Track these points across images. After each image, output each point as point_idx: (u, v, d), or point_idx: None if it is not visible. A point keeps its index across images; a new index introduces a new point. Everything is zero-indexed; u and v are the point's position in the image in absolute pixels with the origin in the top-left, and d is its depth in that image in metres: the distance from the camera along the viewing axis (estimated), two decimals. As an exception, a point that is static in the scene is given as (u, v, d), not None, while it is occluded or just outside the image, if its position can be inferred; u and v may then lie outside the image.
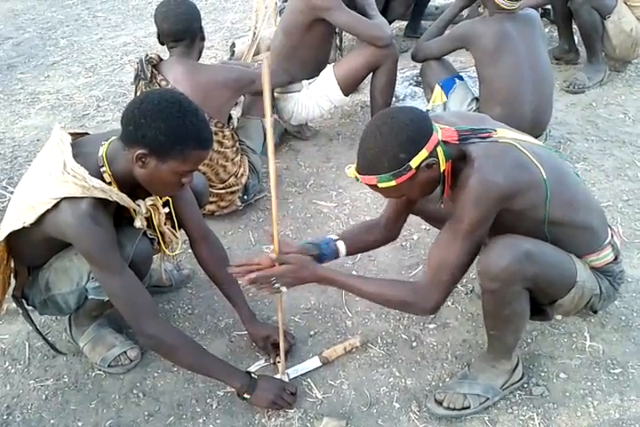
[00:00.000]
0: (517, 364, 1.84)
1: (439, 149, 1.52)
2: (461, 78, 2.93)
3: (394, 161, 1.49)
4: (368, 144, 1.52)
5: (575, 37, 3.77)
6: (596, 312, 1.79)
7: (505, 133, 1.62)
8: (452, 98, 2.85)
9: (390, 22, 3.68)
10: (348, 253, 1.96)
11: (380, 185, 1.53)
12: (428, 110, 2.89)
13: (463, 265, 1.62)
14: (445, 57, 2.96)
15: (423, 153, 1.49)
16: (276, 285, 1.71)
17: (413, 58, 3.02)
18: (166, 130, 1.54)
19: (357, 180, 1.58)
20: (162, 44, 2.51)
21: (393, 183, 1.51)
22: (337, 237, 1.94)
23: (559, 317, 2.08)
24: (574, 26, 3.65)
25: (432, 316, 2.13)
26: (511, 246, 1.57)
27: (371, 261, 2.39)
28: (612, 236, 1.77)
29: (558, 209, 1.62)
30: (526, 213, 1.59)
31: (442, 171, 1.55)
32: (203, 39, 2.55)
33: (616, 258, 1.77)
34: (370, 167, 1.52)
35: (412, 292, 1.66)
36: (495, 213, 1.56)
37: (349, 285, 1.73)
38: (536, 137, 2.74)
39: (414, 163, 1.49)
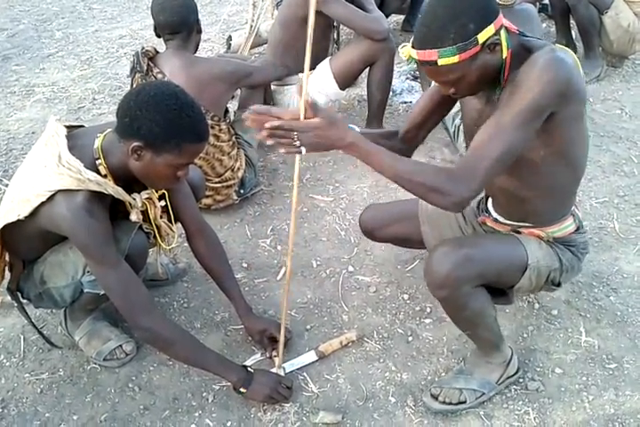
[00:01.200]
0: (511, 357, 1.84)
1: (502, 33, 1.42)
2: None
3: (462, 31, 1.36)
4: (434, 12, 1.39)
5: (573, 33, 3.77)
6: (559, 285, 1.75)
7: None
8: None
9: (387, 16, 3.67)
10: None
11: (440, 61, 1.39)
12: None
13: (505, 157, 1.42)
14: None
15: (491, 28, 1.38)
16: (297, 142, 1.40)
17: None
18: (162, 122, 1.53)
19: (411, 61, 1.46)
20: (158, 36, 2.49)
21: (455, 59, 1.38)
22: (358, 129, 1.64)
23: (555, 312, 2.09)
24: (572, 21, 3.66)
25: (428, 310, 2.13)
26: (448, 253, 1.57)
27: (367, 255, 2.39)
28: (574, 207, 1.77)
29: (576, 140, 1.55)
30: (565, 130, 1.49)
31: (503, 57, 1.44)
32: (199, 32, 2.53)
33: (578, 228, 1.76)
34: (434, 38, 1.38)
35: (445, 178, 1.42)
36: (552, 107, 1.41)
37: (380, 158, 1.44)
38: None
39: (482, 37, 1.37)
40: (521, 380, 1.87)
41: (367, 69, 2.97)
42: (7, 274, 1.91)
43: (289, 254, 1.76)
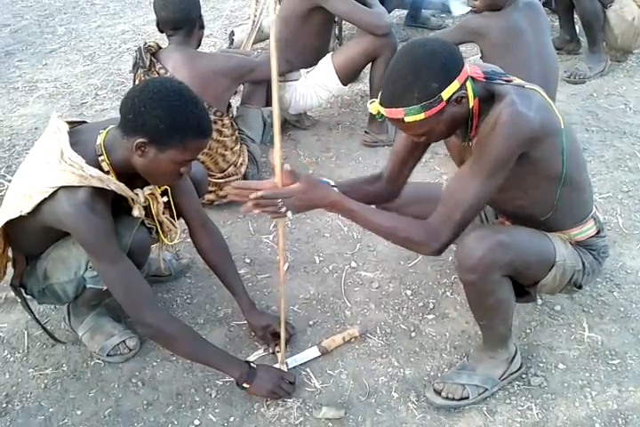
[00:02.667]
0: (515, 353, 1.84)
1: (468, 84, 1.47)
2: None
3: (425, 91, 1.41)
4: (398, 73, 1.44)
5: (576, 27, 3.75)
6: (580, 287, 1.76)
7: (521, 83, 1.59)
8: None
9: (389, 11, 3.65)
10: None
11: (407, 119, 1.44)
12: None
13: (478, 205, 1.54)
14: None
15: (455, 84, 1.42)
16: (283, 208, 1.55)
17: None
18: (167, 119, 1.53)
19: (380, 116, 1.51)
20: (161, 31, 2.49)
21: (422, 116, 1.43)
22: (333, 184, 1.75)
23: (558, 307, 2.09)
24: (575, 15, 3.64)
25: (431, 306, 2.13)
26: (484, 237, 1.57)
27: (370, 251, 2.39)
28: (595, 210, 1.77)
29: (570, 165, 1.59)
30: (543, 163, 1.54)
31: (470, 107, 1.50)
32: (202, 27, 2.53)
33: (599, 232, 1.76)
34: (398, 98, 1.44)
35: (422, 229, 1.55)
36: (519, 153, 1.49)
37: (361, 214, 1.58)
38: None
39: (446, 94, 1.42)
40: (524, 375, 1.87)
41: (369, 65, 2.96)
42: (10, 270, 1.92)
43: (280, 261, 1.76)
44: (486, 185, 1.51)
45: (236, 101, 3.00)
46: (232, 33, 3.83)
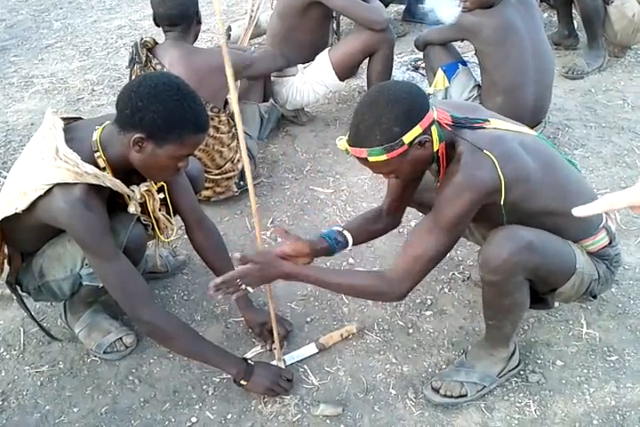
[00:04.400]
0: (514, 351, 1.84)
1: (433, 129, 1.49)
2: (465, 64, 2.89)
3: (387, 134, 1.45)
4: (362, 115, 1.48)
5: (574, 22, 3.74)
6: (595, 297, 1.77)
7: (498, 124, 1.60)
8: (455, 83, 2.81)
9: (386, 5, 3.63)
10: (354, 244, 1.90)
11: (370, 159, 1.49)
12: (429, 94, 2.85)
13: (438, 257, 1.60)
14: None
15: (417, 129, 1.46)
16: (242, 286, 1.66)
17: (417, 47, 2.97)
18: (164, 113, 1.52)
19: (347, 153, 1.55)
20: (157, 25, 2.47)
21: (384, 157, 1.47)
22: (342, 228, 1.88)
23: (557, 304, 2.09)
24: (574, 11, 3.62)
25: (429, 303, 2.13)
26: (512, 237, 1.55)
27: (368, 248, 2.38)
28: (606, 220, 1.75)
29: (550, 200, 1.59)
30: (515, 205, 1.56)
31: (435, 151, 1.52)
32: (199, 23, 2.51)
33: (611, 242, 1.75)
34: (362, 139, 1.48)
35: (382, 282, 1.62)
36: (478, 207, 1.53)
37: (318, 279, 1.67)
38: (536, 125, 2.72)
39: (407, 138, 1.46)
40: (522, 372, 1.86)
41: (367, 60, 2.95)
42: (6, 267, 1.91)
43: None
44: (444, 239, 1.56)
45: (232, 97, 2.98)
46: (229, 28, 3.82)
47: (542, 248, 1.57)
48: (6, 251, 1.88)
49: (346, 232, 1.86)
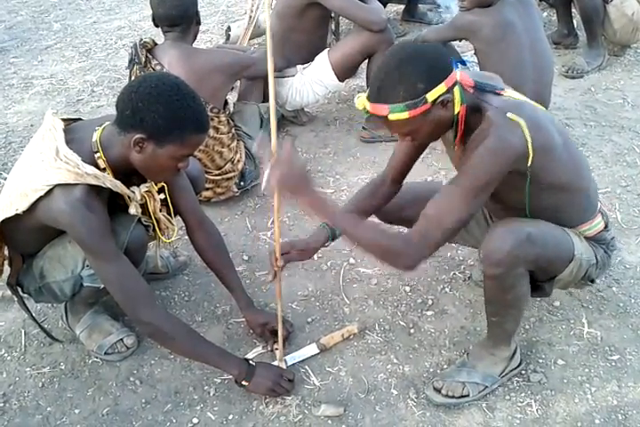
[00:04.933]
0: (515, 350, 1.83)
1: (456, 90, 1.46)
2: (464, 63, 2.89)
3: (411, 90, 1.41)
4: (386, 70, 1.44)
5: (574, 21, 3.74)
6: (593, 282, 1.77)
7: (513, 94, 1.59)
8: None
9: (385, 5, 3.63)
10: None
11: (390, 116, 1.44)
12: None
13: (461, 224, 1.54)
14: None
15: (441, 87, 1.42)
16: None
17: None
18: (165, 114, 1.52)
19: (366, 112, 1.51)
20: (156, 26, 2.48)
21: (405, 115, 1.43)
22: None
23: (557, 303, 2.09)
24: (573, 10, 3.62)
25: (430, 303, 2.12)
26: (513, 230, 1.56)
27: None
28: (600, 204, 1.77)
29: (565, 173, 1.59)
30: (537, 175, 1.54)
31: (456, 113, 1.49)
32: (198, 23, 2.51)
33: (606, 226, 1.76)
34: (384, 95, 1.44)
35: (402, 244, 1.55)
36: (505, 173, 1.50)
37: (340, 224, 1.59)
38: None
39: (431, 96, 1.42)
40: (523, 372, 1.86)
41: (367, 60, 2.95)
42: (7, 268, 1.91)
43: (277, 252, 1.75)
44: (470, 205, 1.52)
45: (232, 97, 2.99)
46: (228, 28, 3.82)
47: (542, 239, 1.58)
48: (7, 252, 1.88)
49: None
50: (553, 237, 1.64)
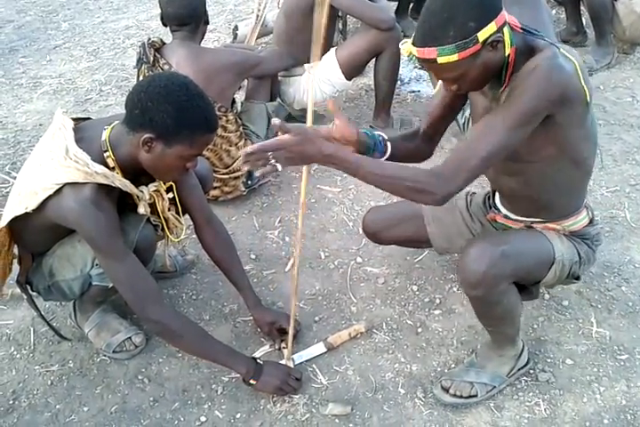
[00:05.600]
0: (523, 349, 1.83)
1: (506, 30, 1.39)
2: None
3: (461, 30, 1.34)
4: (433, 10, 1.37)
5: (583, 19, 3.72)
6: (578, 278, 1.75)
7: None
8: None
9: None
10: (390, 157, 1.73)
11: (439, 59, 1.37)
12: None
13: (495, 156, 1.43)
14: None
15: (492, 26, 1.35)
16: (272, 161, 1.40)
17: None
18: (174, 113, 1.53)
19: (411, 57, 1.44)
20: (165, 25, 2.48)
21: (455, 57, 1.36)
22: (386, 137, 1.72)
23: (566, 302, 2.08)
24: (582, 7, 3.60)
25: (438, 302, 2.12)
26: (485, 250, 1.54)
27: (376, 246, 2.37)
28: (586, 199, 1.76)
29: (587, 148, 1.56)
30: (565, 131, 1.48)
31: (506, 55, 1.41)
32: (207, 23, 2.52)
33: (591, 221, 1.75)
34: (433, 36, 1.36)
35: (429, 177, 1.43)
36: (547, 110, 1.41)
37: (360, 164, 1.42)
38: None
39: (482, 35, 1.34)
40: (531, 371, 1.86)
41: (374, 59, 2.94)
42: (16, 267, 1.92)
43: (297, 246, 1.75)
44: (510, 135, 1.41)
45: (240, 96, 2.99)
46: (236, 27, 3.82)
47: (517, 253, 1.57)
48: (16, 251, 1.89)
49: (388, 143, 1.71)
50: (529, 247, 1.63)
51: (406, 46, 1.45)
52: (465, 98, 1.74)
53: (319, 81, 2.98)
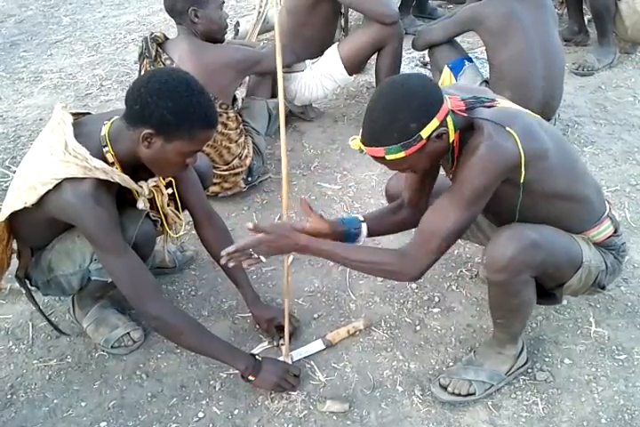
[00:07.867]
0: (522, 349, 1.83)
1: (449, 119, 1.46)
2: (471, 60, 2.87)
3: (404, 131, 1.42)
4: (376, 113, 1.45)
5: (585, 18, 3.71)
6: (603, 288, 1.75)
7: (506, 104, 1.59)
8: (461, 80, 2.79)
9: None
10: (370, 235, 1.88)
11: (387, 157, 1.45)
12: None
13: (456, 235, 1.55)
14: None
15: (434, 122, 1.42)
16: (255, 255, 1.63)
17: (414, 46, 2.92)
18: (174, 109, 1.52)
19: (362, 152, 1.51)
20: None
21: (402, 155, 1.44)
22: (362, 219, 1.86)
23: (565, 302, 2.08)
24: (584, 7, 3.59)
25: (436, 300, 2.12)
26: (516, 236, 1.54)
27: (375, 244, 2.37)
28: (609, 208, 1.74)
29: (562, 181, 1.59)
30: (531, 185, 1.53)
31: (451, 141, 1.49)
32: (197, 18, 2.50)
33: (616, 230, 1.74)
34: (378, 138, 1.45)
35: (398, 259, 1.59)
36: (499, 183, 1.50)
37: (335, 254, 1.63)
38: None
39: (425, 132, 1.42)
40: (530, 370, 1.86)
41: (375, 55, 2.94)
42: (15, 261, 1.92)
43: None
44: (464, 215, 1.52)
45: (241, 93, 2.98)
46: (237, 24, 3.81)
47: (547, 245, 1.56)
48: (15, 245, 1.88)
49: (363, 224, 1.84)
50: (559, 243, 1.62)
51: (355, 142, 1.53)
52: (438, 165, 1.77)
53: (321, 76, 2.97)
